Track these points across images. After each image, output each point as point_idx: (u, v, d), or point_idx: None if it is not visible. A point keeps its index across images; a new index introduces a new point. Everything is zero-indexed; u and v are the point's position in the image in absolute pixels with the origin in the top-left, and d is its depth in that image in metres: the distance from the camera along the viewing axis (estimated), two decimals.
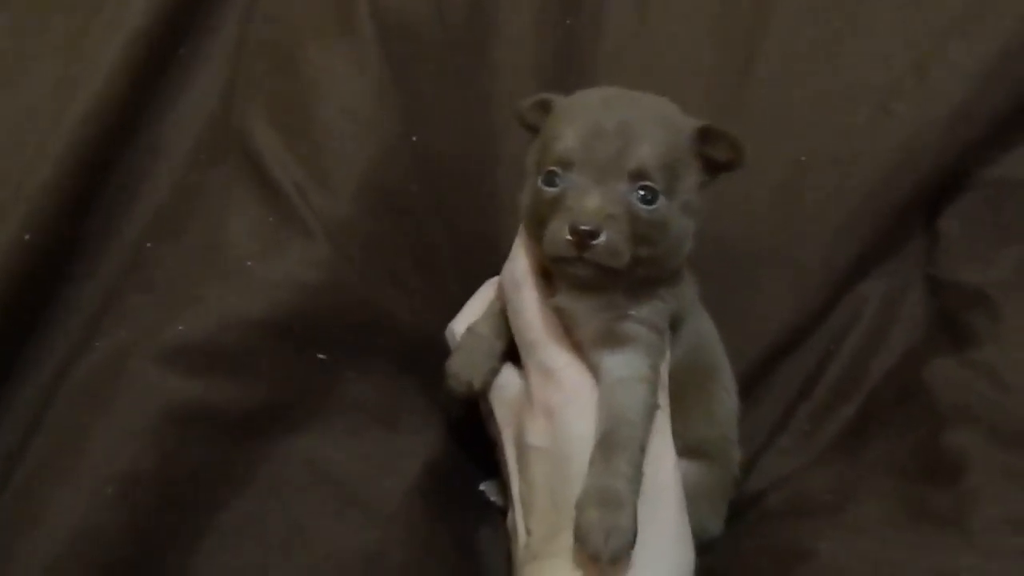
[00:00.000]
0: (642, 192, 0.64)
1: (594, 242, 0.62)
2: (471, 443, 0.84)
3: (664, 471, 0.67)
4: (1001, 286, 0.84)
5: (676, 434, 0.71)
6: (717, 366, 0.79)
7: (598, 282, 0.66)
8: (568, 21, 0.95)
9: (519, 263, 0.73)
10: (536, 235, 0.68)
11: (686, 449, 0.73)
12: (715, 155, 0.68)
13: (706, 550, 0.71)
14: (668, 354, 0.71)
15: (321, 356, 0.77)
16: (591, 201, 0.62)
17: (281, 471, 0.73)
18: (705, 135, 0.67)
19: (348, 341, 0.79)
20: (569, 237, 0.62)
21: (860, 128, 0.89)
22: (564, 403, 0.68)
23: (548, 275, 0.71)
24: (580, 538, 0.61)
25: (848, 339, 0.89)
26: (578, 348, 0.70)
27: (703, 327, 0.77)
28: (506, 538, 0.76)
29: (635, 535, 0.61)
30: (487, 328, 0.75)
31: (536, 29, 0.94)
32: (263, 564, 0.69)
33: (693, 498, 0.71)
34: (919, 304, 0.90)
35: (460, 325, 0.78)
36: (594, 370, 0.69)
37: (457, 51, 0.92)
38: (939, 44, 0.88)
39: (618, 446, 0.64)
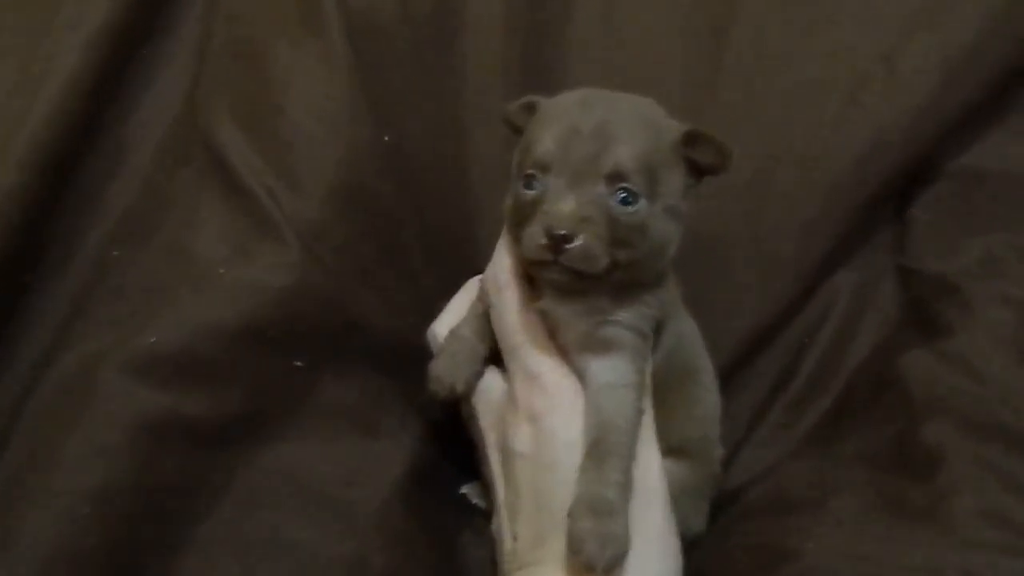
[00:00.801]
0: (622, 194, 0.63)
1: (568, 246, 0.61)
2: (451, 445, 0.83)
3: (651, 475, 0.67)
4: (969, 275, 0.85)
5: (659, 435, 0.70)
6: (699, 367, 0.79)
7: (575, 286, 0.65)
8: (536, 15, 0.94)
9: (502, 265, 0.72)
10: (517, 238, 0.67)
11: (669, 449, 0.73)
12: (700, 159, 0.67)
13: (691, 548, 0.71)
14: (650, 358, 0.71)
15: (297, 363, 0.76)
16: (566, 204, 0.62)
17: (259, 481, 0.72)
18: (691, 139, 0.66)
19: (323, 345, 0.78)
20: (544, 241, 0.62)
21: (829, 121, 0.89)
22: (548, 408, 0.68)
23: (532, 278, 0.70)
24: (574, 548, 0.61)
25: (822, 331, 0.90)
26: (563, 352, 0.70)
27: (685, 329, 0.77)
28: (489, 542, 0.75)
29: (628, 542, 0.61)
30: (470, 330, 0.74)
31: (504, 24, 0.93)
32: (245, 573, 0.68)
33: (676, 497, 0.71)
34: (891, 294, 0.90)
35: (442, 327, 0.77)
36: (579, 375, 0.69)
37: (425, 48, 0.91)
38: (907, 36, 0.89)
39: (608, 453, 0.64)
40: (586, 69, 0.93)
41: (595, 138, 0.63)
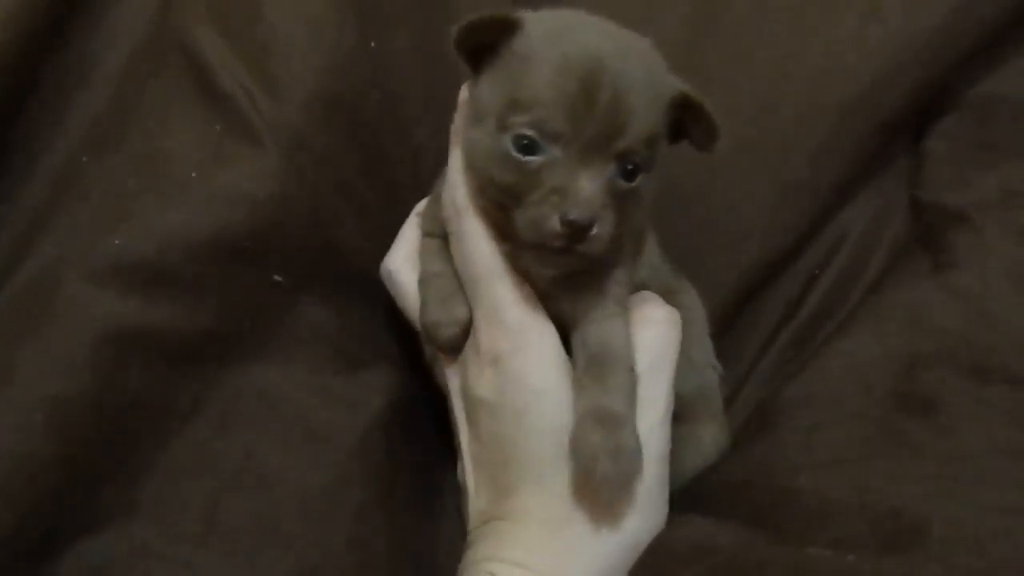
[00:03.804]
0: (628, 168, 0.58)
1: (589, 234, 0.56)
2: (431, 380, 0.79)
3: (644, 421, 0.62)
4: (984, 207, 0.81)
5: None
6: (676, 287, 0.75)
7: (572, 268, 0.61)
8: None
9: (459, 190, 0.66)
10: (493, 196, 0.61)
11: None
12: (688, 128, 0.63)
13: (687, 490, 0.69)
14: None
15: (277, 278, 0.73)
16: (585, 187, 0.56)
17: (231, 403, 0.69)
18: (685, 102, 0.61)
19: (303, 264, 0.74)
20: (560, 229, 0.56)
21: (846, 38, 0.84)
22: (513, 349, 0.62)
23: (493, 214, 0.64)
24: (584, 465, 0.57)
25: (832, 264, 0.86)
26: (533, 288, 0.64)
27: (656, 254, 0.73)
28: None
29: (642, 457, 0.58)
30: (441, 264, 0.68)
31: None
32: (213, 499, 0.65)
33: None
34: (903, 227, 0.86)
35: (395, 261, 0.72)
36: (555, 317, 0.64)
37: None
38: None
39: (608, 365, 0.60)
40: None
41: (611, 114, 0.56)
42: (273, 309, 0.72)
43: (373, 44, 0.80)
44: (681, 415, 0.69)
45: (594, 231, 0.56)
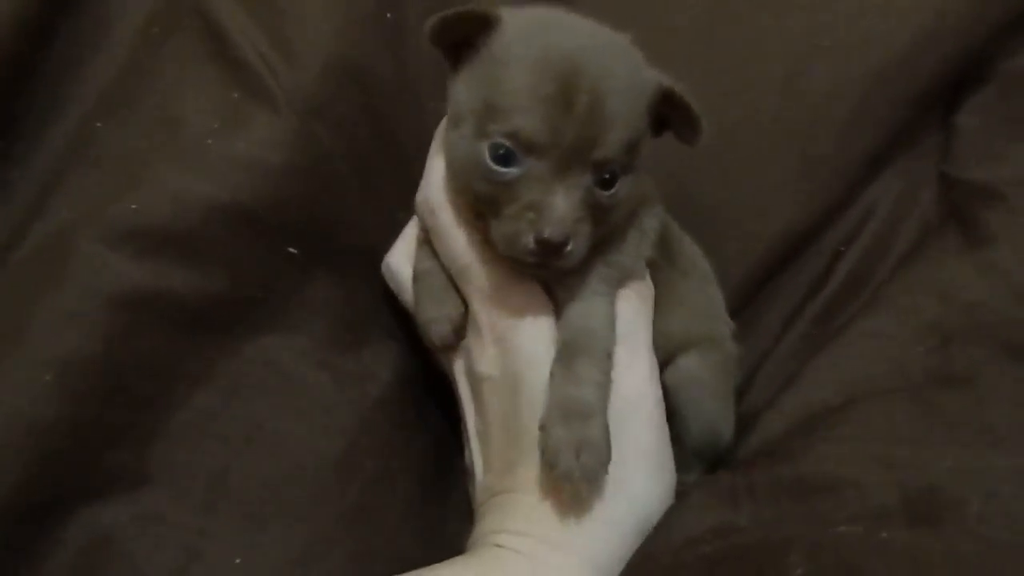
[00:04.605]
0: (605, 176, 0.57)
1: (564, 251, 0.56)
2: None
3: (629, 384, 0.62)
4: (1018, 183, 0.79)
5: (660, 339, 0.66)
6: (686, 266, 0.74)
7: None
8: None
9: (434, 184, 0.66)
10: (472, 200, 0.61)
11: (676, 348, 0.69)
12: (672, 122, 0.62)
13: (721, 462, 0.67)
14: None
15: (292, 250, 0.72)
16: (559, 205, 0.55)
17: (242, 370, 0.68)
18: (667, 98, 0.60)
19: (316, 234, 0.73)
20: (534, 247, 0.55)
21: (873, 10, 0.81)
22: (512, 325, 0.63)
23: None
24: (549, 460, 0.56)
25: (859, 239, 0.84)
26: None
27: (665, 225, 0.72)
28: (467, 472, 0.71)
29: (609, 449, 0.57)
30: (429, 260, 0.68)
31: None
32: (223, 465, 0.64)
33: (695, 397, 0.67)
34: (932, 202, 0.84)
35: (396, 257, 0.72)
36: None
37: None
38: None
39: (579, 352, 0.59)
40: None
41: (589, 121, 0.55)
42: (286, 280, 0.71)
43: (389, 15, 0.79)
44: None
45: (568, 247, 0.55)
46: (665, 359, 0.69)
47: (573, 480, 0.55)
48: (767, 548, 0.54)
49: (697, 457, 0.71)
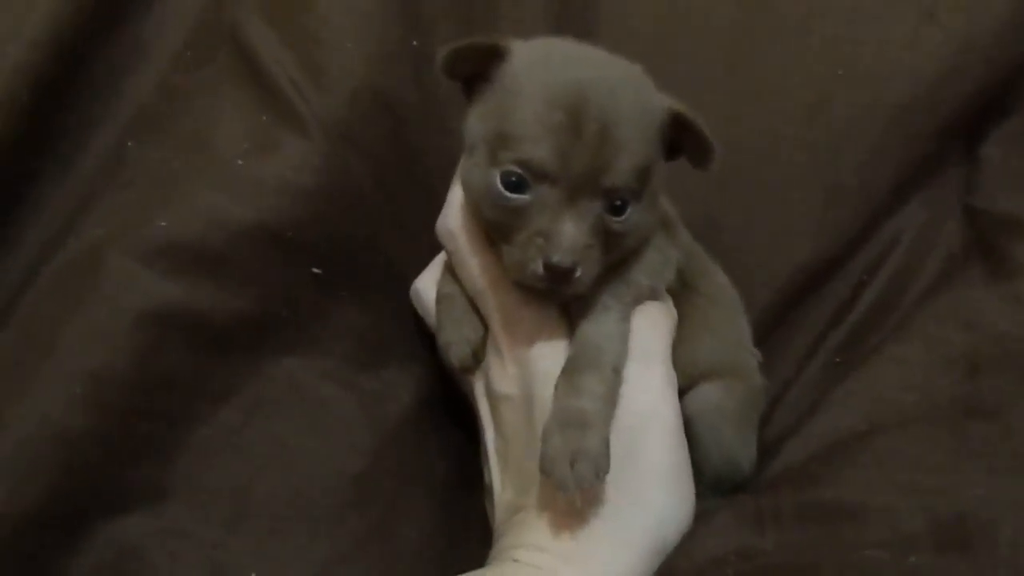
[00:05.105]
0: (616, 203, 0.58)
1: (573, 277, 0.56)
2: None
3: (643, 400, 0.61)
4: None
5: (685, 364, 0.66)
6: (712, 291, 0.74)
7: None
8: None
9: (452, 212, 0.68)
10: (487, 226, 0.63)
11: (700, 376, 0.69)
12: (683, 145, 0.62)
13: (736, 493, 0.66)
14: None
15: (316, 271, 0.72)
16: (568, 231, 0.56)
17: (266, 389, 0.69)
18: (678, 122, 0.61)
19: (342, 256, 0.74)
20: (543, 272, 0.56)
21: (899, 39, 0.82)
22: (528, 346, 0.63)
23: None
24: (545, 469, 0.56)
25: (883, 269, 0.84)
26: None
27: (688, 249, 0.72)
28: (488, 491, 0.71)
29: (607, 460, 0.56)
30: (451, 284, 0.70)
31: None
32: (245, 481, 0.64)
33: (716, 425, 0.67)
34: (957, 234, 0.84)
35: (424, 283, 0.74)
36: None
37: None
38: None
39: (583, 366, 0.59)
40: None
41: (598, 149, 0.56)
42: (311, 301, 0.72)
43: (415, 43, 0.80)
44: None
45: (578, 274, 0.56)
46: (688, 385, 0.69)
47: (567, 489, 0.54)
48: (793, 571, 0.53)
49: (713, 489, 0.70)
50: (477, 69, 0.61)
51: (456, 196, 0.68)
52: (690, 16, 0.87)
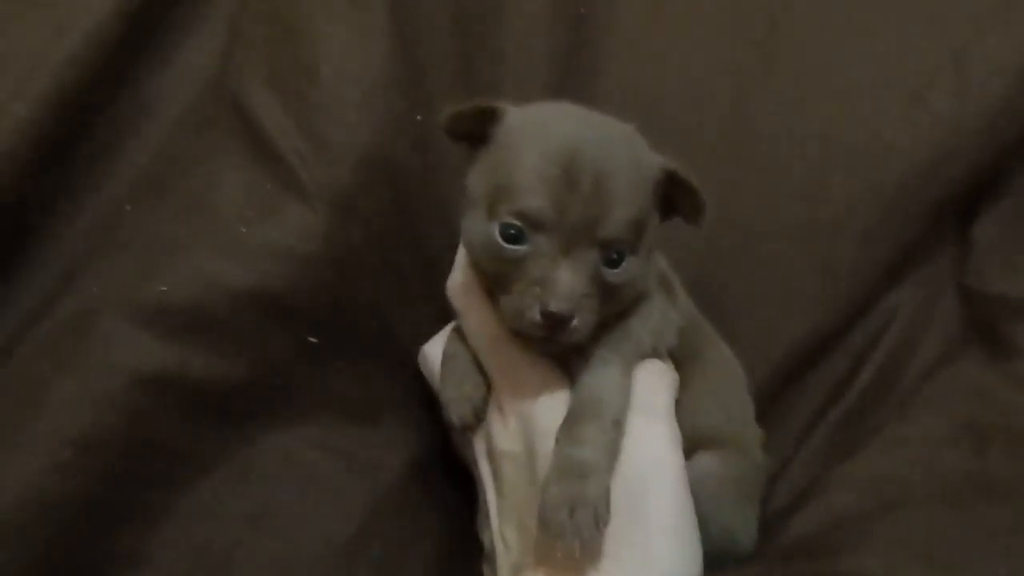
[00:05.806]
0: (612, 256, 0.59)
1: (569, 326, 0.57)
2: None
3: (645, 453, 0.60)
4: None
5: (686, 428, 0.65)
6: (711, 354, 0.74)
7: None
8: (581, 10, 0.91)
9: (457, 269, 0.70)
10: (486, 279, 0.64)
11: (700, 444, 0.68)
12: (676, 203, 0.64)
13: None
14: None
15: (312, 340, 0.72)
16: (564, 279, 0.57)
17: (254, 458, 0.68)
18: (670, 179, 0.62)
19: (338, 325, 0.73)
20: (539, 320, 0.57)
21: (892, 121, 0.84)
22: (529, 401, 0.63)
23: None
24: (543, 518, 0.55)
25: (880, 346, 0.84)
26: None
27: (686, 315, 0.72)
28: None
29: (607, 509, 0.55)
30: (456, 344, 0.70)
31: (549, 15, 0.90)
32: (229, 548, 0.63)
33: (714, 494, 0.65)
34: (952, 313, 0.84)
35: (433, 346, 0.74)
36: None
37: (467, 35, 0.88)
38: (977, 35, 0.84)
39: (584, 417, 0.59)
40: (631, 67, 0.89)
41: (593, 200, 0.57)
42: (304, 369, 0.72)
43: (419, 117, 0.81)
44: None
45: (574, 323, 0.57)
46: (688, 452, 0.67)
47: (565, 537, 0.53)
48: None
49: (708, 565, 0.68)
50: (477, 129, 0.63)
51: (462, 256, 0.69)
52: (690, 90, 0.89)
